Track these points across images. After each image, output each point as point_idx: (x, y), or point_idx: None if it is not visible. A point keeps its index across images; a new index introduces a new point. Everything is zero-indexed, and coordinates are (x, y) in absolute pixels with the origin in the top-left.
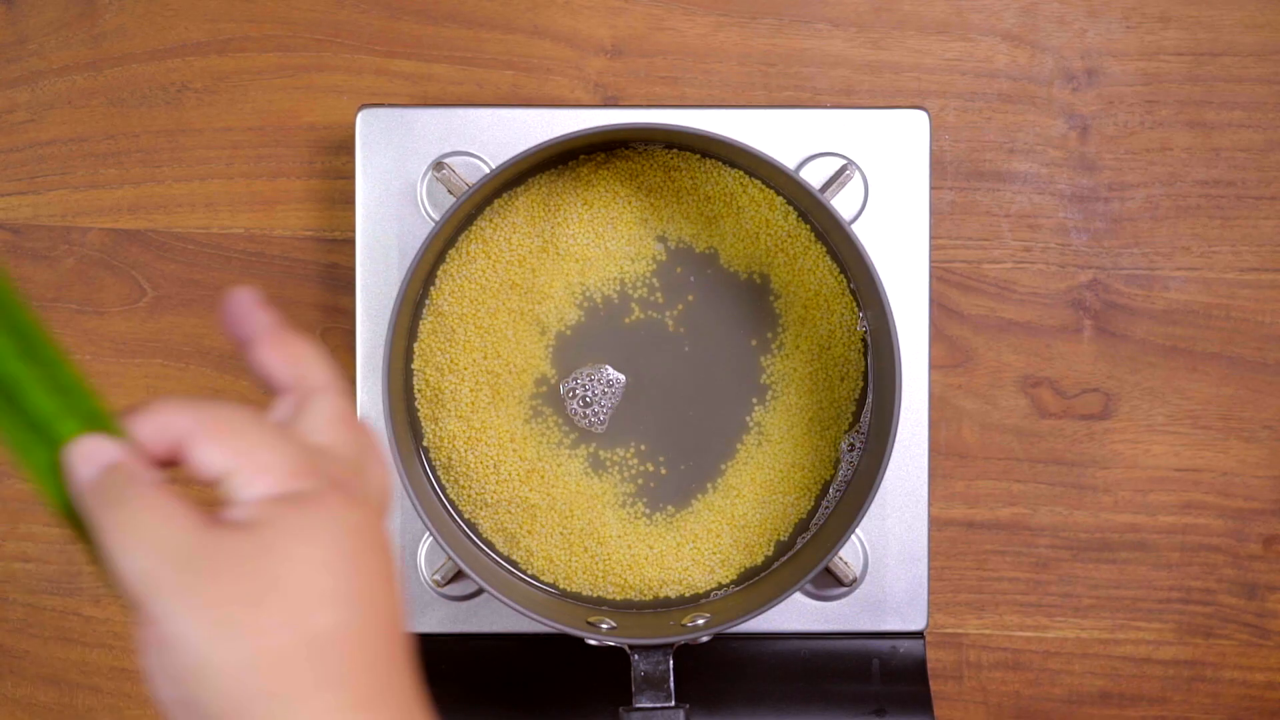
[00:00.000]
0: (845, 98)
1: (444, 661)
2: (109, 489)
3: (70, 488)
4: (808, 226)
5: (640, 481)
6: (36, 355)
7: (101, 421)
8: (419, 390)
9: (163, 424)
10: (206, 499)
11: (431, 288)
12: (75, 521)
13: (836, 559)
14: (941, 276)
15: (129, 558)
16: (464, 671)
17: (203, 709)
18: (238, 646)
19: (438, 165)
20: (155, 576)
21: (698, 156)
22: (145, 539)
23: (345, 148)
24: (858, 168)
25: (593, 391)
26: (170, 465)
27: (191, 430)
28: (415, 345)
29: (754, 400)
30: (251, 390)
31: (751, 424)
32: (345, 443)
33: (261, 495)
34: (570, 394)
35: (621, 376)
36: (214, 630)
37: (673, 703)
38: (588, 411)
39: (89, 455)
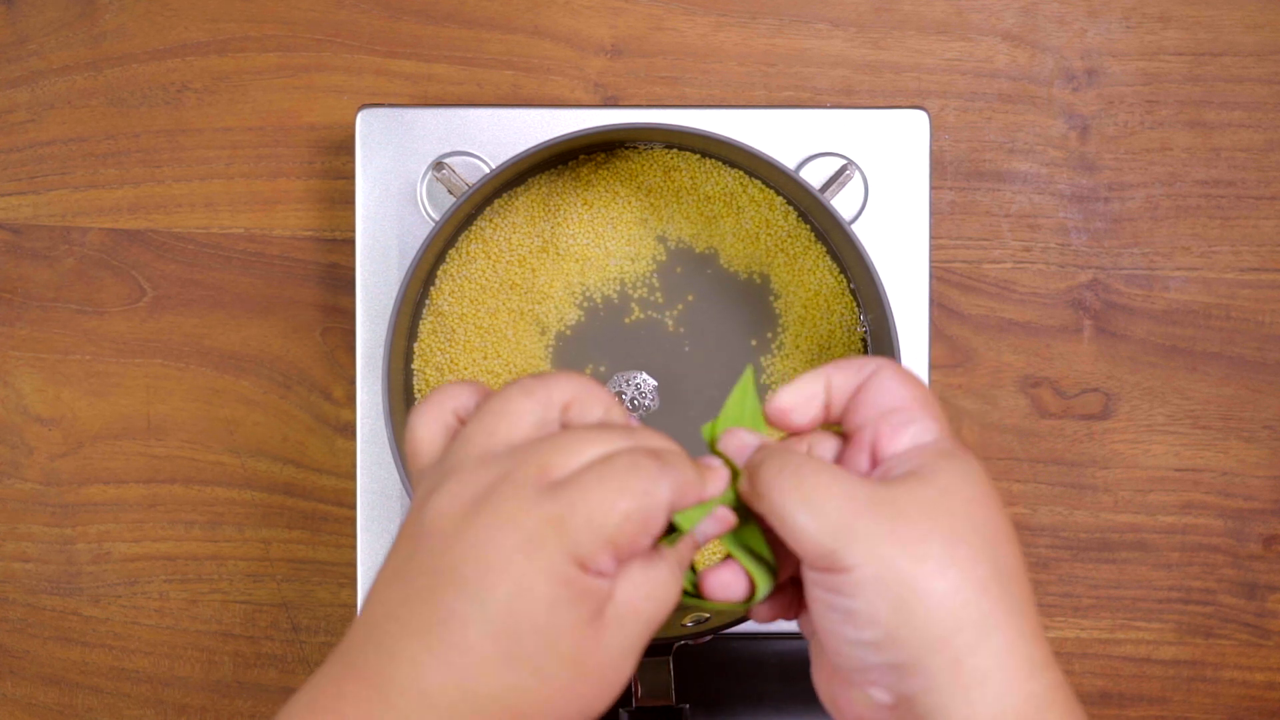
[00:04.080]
0: (845, 98)
1: None
2: (772, 461)
3: (742, 470)
4: (808, 226)
5: None
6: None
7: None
8: (419, 390)
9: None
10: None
11: (431, 288)
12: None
13: None
14: (941, 276)
15: (818, 513)
16: None
17: (902, 643)
18: (947, 577)
19: (438, 165)
20: (848, 525)
21: (698, 156)
22: (833, 494)
23: (345, 148)
24: (858, 168)
25: (637, 389)
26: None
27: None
28: (415, 345)
29: None
30: (251, 390)
31: None
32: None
33: (913, 448)
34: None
35: (652, 380)
36: (921, 565)
37: (673, 702)
38: (638, 412)
39: (740, 444)
